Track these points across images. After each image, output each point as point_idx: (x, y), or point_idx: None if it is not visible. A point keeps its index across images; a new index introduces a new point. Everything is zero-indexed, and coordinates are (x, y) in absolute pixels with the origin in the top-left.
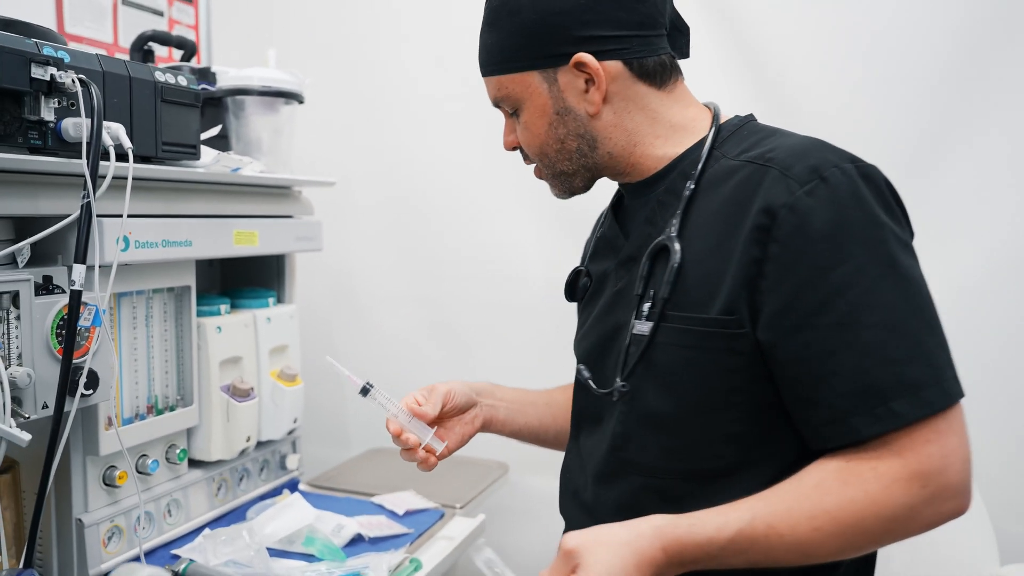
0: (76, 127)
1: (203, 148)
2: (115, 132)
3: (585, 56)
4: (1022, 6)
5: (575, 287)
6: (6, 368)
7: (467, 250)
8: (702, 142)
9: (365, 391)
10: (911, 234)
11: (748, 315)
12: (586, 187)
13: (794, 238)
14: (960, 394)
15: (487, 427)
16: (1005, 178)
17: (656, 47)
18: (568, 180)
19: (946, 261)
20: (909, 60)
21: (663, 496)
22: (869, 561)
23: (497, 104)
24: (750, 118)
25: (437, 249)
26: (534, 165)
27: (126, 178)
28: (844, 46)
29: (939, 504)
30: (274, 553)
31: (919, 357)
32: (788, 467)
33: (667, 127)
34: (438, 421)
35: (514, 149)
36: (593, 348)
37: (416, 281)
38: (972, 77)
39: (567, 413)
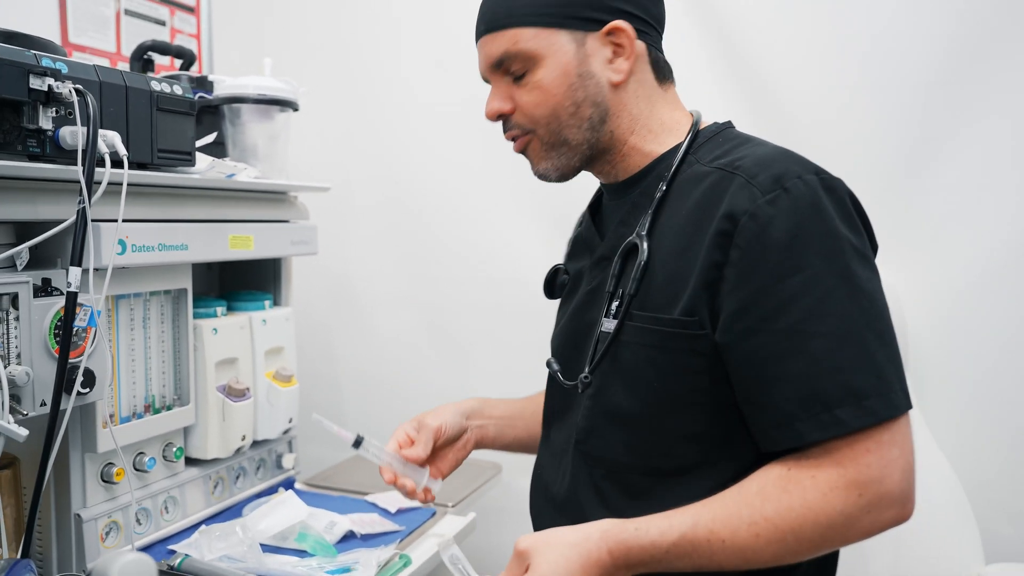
0: (73, 135)
1: (198, 155)
2: (111, 140)
3: (624, 24)
4: (1020, 5)
5: (554, 284)
6: (5, 367)
7: (465, 253)
8: (680, 146)
9: (357, 443)
10: (873, 248)
11: (708, 317)
12: (577, 170)
13: (753, 245)
14: (907, 406)
15: (479, 446)
16: (1005, 176)
17: (661, 46)
18: (567, 154)
19: (945, 260)
20: (908, 60)
21: (627, 491)
22: (830, 561)
23: (499, 63)
24: (727, 125)
25: (435, 252)
26: (517, 139)
27: (121, 184)
28: (841, 48)
29: (877, 513)
30: (267, 549)
31: (866, 367)
32: (747, 468)
33: (657, 123)
34: (431, 454)
35: (498, 118)
36: (566, 343)
37: (414, 284)
38: (970, 77)
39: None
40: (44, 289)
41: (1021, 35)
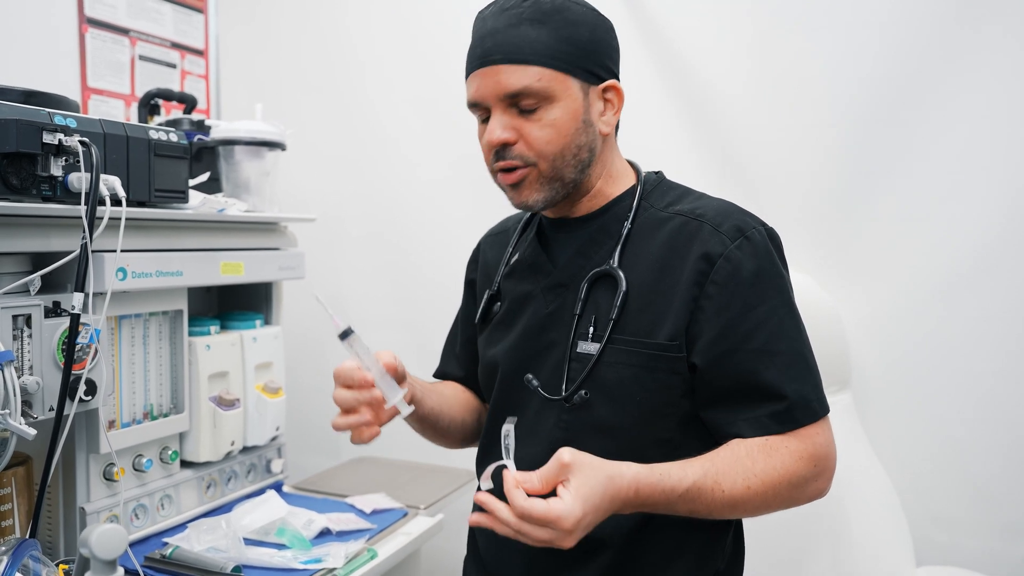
0: (79, 180)
1: (192, 192)
2: (111, 184)
3: (618, 84)
4: (951, 47)
5: (489, 312)
6: (19, 376)
7: (445, 278)
8: (632, 191)
9: (345, 334)
10: None
11: (686, 342)
12: (557, 204)
13: (728, 281)
14: (828, 407)
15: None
16: (939, 209)
17: None
18: (558, 190)
19: (884, 288)
20: (854, 101)
21: None
22: (740, 550)
23: (516, 95)
24: (661, 174)
25: (418, 277)
26: (516, 170)
27: (121, 219)
28: (796, 94)
29: (820, 481)
30: (250, 542)
31: (810, 378)
32: None
33: (616, 169)
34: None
35: (500, 146)
36: (526, 362)
37: (400, 306)
38: (905, 116)
39: (453, 404)
40: (54, 311)
41: (952, 74)
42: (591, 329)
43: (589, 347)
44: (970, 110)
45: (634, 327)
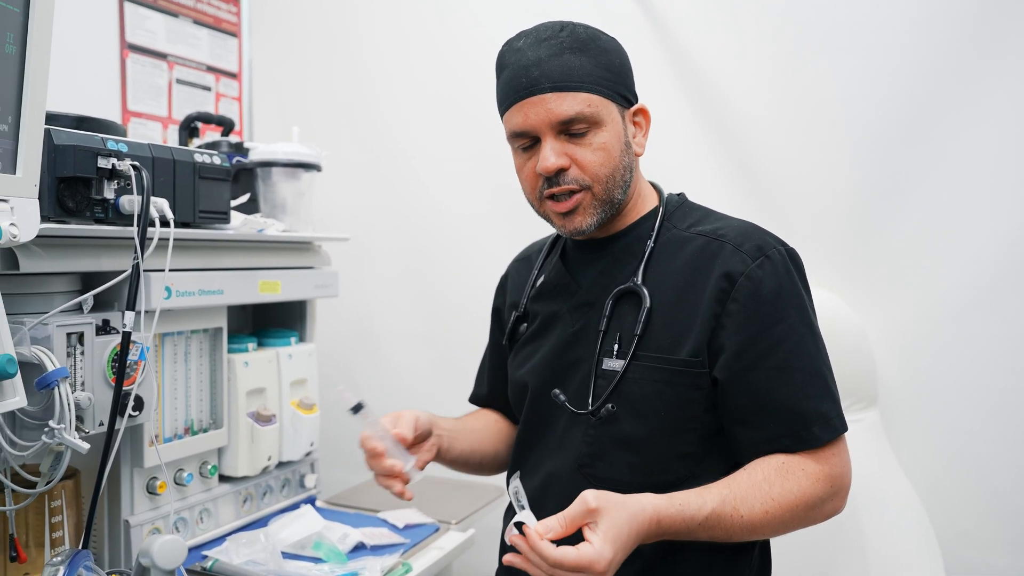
0: (130, 203)
1: (233, 213)
2: (160, 206)
3: (646, 107)
4: (971, 65)
5: (516, 333)
6: (72, 392)
7: (472, 294)
8: (654, 212)
9: (357, 408)
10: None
11: (708, 358)
12: (600, 226)
13: (750, 299)
14: (847, 425)
15: (437, 456)
16: (962, 226)
17: None
18: (608, 211)
19: (910, 303)
20: (874, 120)
21: None
22: (767, 562)
23: (569, 121)
24: (683, 196)
25: (446, 294)
26: (572, 194)
27: (169, 240)
28: (814, 111)
29: (836, 501)
30: (287, 555)
31: (829, 396)
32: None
33: (642, 191)
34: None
35: (554, 172)
36: (554, 378)
37: (427, 322)
38: (926, 134)
39: (484, 439)
40: (104, 328)
41: (971, 94)
42: (616, 346)
43: (614, 364)
44: (988, 128)
45: (657, 344)
